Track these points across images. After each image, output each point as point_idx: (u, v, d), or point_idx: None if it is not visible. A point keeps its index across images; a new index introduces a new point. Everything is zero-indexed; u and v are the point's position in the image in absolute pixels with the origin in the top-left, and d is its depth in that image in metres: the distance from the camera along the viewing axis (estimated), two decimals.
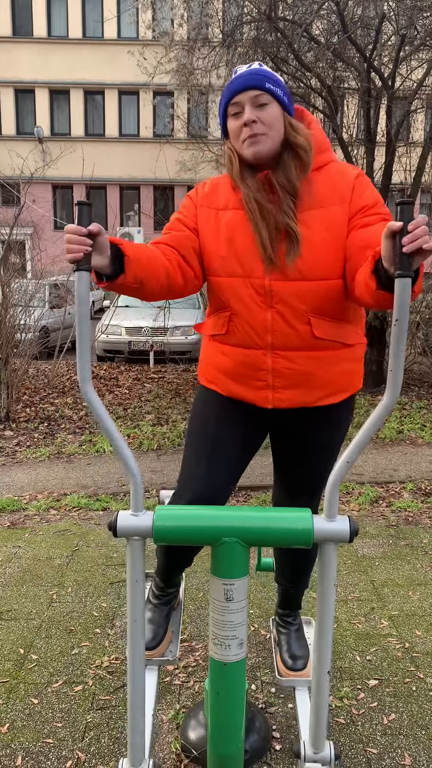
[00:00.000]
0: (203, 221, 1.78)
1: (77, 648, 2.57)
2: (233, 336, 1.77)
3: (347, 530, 1.37)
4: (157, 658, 1.96)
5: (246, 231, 1.70)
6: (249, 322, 1.72)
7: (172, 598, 2.08)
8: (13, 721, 2.16)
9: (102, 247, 1.43)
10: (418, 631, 2.68)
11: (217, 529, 1.38)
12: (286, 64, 7.79)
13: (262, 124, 1.63)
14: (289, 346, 1.72)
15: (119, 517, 1.40)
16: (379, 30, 7.08)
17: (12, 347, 6.45)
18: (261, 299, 1.70)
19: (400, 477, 4.80)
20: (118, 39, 20.83)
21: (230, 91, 1.66)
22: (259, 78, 1.64)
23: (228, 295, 1.75)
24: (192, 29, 8.90)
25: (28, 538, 3.66)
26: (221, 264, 1.74)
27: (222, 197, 1.78)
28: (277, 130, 1.66)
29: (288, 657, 2.08)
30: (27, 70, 21.14)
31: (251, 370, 1.77)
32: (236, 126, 1.67)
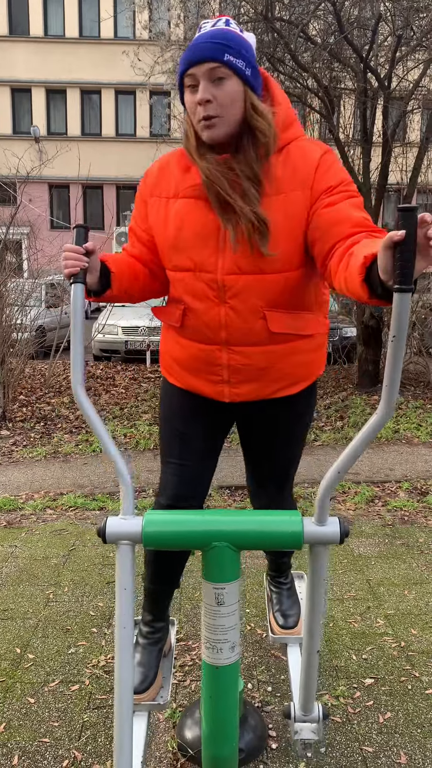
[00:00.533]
0: (153, 214, 1.69)
1: (74, 647, 2.57)
2: (187, 330, 1.71)
3: (338, 532, 1.36)
4: (147, 702, 1.83)
5: (196, 220, 1.59)
6: (202, 318, 1.64)
7: (162, 637, 1.95)
8: (9, 721, 2.16)
9: (94, 267, 1.54)
10: (413, 630, 2.69)
11: (206, 533, 1.38)
12: (283, 65, 7.79)
13: (217, 105, 1.48)
14: (245, 342, 1.64)
15: (108, 523, 1.39)
16: (375, 30, 7.09)
17: (8, 347, 6.44)
18: (213, 294, 1.61)
19: (396, 476, 4.81)
20: (115, 39, 20.81)
21: (185, 61, 1.49)
22: (218, 47, 1.46)
23: (180, 290, 1.67)
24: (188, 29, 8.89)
25: (24, 538, 3.66)
26: (171, 257, 1.66)
27: (171, 182, 1.65)
28: (235, 110, 1.50)
29: (280, 615, 2.16)
30: (23, 69, 21.11)
31: (206, 365, 1.70)
32: (191, 102, 1.52)
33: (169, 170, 1.67)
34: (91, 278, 1.55)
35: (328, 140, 8.62)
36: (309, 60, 7.54)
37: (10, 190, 8.33)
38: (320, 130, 9.39)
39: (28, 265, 9.97)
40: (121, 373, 9.06)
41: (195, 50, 1.48)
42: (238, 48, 1.48)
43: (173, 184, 1.65)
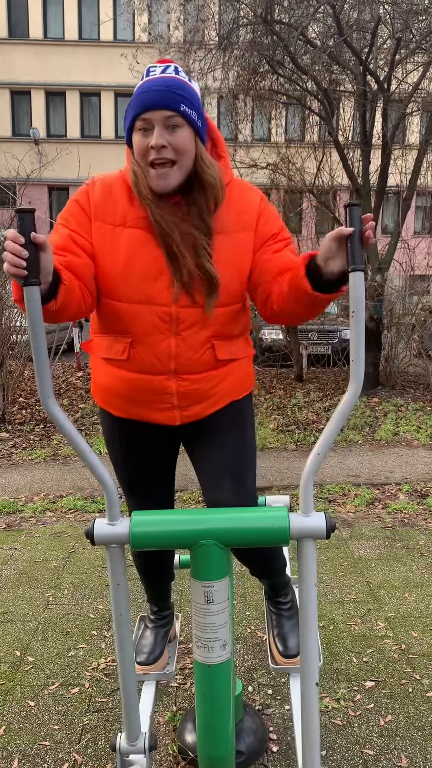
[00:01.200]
0: (99, 239, 1.59)
1: (74, 650, 2.57)
2: (134, 363, 1.67)
3: (324, 527, 1.37)
4: (156, 671, 2.00)
5: (148, 253, 1.58)
6: (152, 350, 1.63)
7: (168, 622, 2.12)
8: (9, 724, 2.15)
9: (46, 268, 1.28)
10: (414, 633, 2.69)
11: (193, 532, 1.38)
12: (282, 67, 7.81)
13: (172, 150, 1.50)
14: (192, 371, 1.67)
15: (96, 526, 1.41)
16: (374, 33, 7.11)
17: (8, 349, 6.44)
18: (166, 326, 1.61)
19: (395, 479, 4.81)
20: (114, 41, 20.83)
21: (140, 104, 1.50)
22: (174, 97, 1.49)
23: (129, 322, 1.63)
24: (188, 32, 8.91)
25: (24, 540, 3.65)
26: (119, 288, 1.60)
27: (118, 208, 1.60)
28: (188, 160, 1.53)
29: (280, 641, 1.99)
30: (23, 72, 21.12)
31: (155, 395, 1.70)
32: (143, 144, 1.51)
33: (113, 196, 1.61)
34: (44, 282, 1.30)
35: (327, 143, 8.64)
36: (308, 63, 7.55)
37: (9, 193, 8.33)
38: (320, 132, 9.40)
39: None
40: None
41: (150, 96, 1.49)
42: (190, 99, 1.52)
43: (119, 211, 1.60)
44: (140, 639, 2.09)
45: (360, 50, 7.30)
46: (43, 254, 1.25)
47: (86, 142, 21.44)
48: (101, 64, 20.94)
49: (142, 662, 2.00)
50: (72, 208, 1.62)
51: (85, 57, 21.11)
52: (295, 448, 5.66)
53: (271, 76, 8.24)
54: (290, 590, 2.11)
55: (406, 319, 8.64)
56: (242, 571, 3.21)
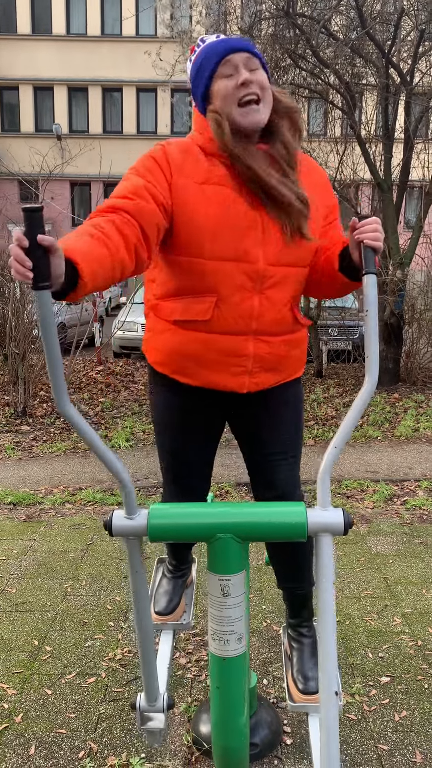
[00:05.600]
0: (182, 196, 1.56)
1: (91, 640, 2.59)
2: (215, 323, 1.64)
3: (341, 522, 1.37)
4: (173, 621, 2.09)
5: (238, 209, 1.57)
6: (236, 309, 1.63)
7: (185, 573, 2.21)
8: (26, 711, 2.19)
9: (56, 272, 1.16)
10: (431, 629, 2.67)
11: (211, 525, 1.39)
12: (305, 61, 7.75)
13: (259, 86, 1.57)
14: (272, 332, 1.69)
15: (114, 517, 1.42)
16: (397, 25, 7.02)
17: (29, 343, 6.50)
18: (252, 284, 1.62)
19: (415, 475, 4.78)
20: (137, 36, 20.86)
21: (224, 49, 1.58)
22: (248, 43, 1.61)
23: (215, 280, 1.61)
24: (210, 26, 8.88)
25: (43, 532, 3.70)
26: (211, 247, 1.58)
27: (200, 168, 1.60)
28: (269, 95, 1.60)
29: (300, 677, 1.86)
30: (46, 68, 21.24)
31: (230, 357, 1.68)
32: (230, 86, 1.56)
33: (193, 156, 1.61)
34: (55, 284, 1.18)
35: (349, 137, 8.56)
36: (331, 56, 7.49)
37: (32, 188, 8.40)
38: (342, 126, 9.33)
39: None
40: (141, 370, 9.10)
41: (230, 42, 1.59)
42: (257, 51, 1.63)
43: (202, 170, 1.59)
44: (158, 588, 2.18)
45: (383, 43, 7.22)
46: (53, 257, 1.14)
47: (108, 137, 21.51)
48: (123, 59, 20.98)
49: (159, 611, 2.08)
50: (146, 163, 1.58)
51: (107, 52, 21.17)
52: (314, 444, 5.64)
53: (293, 70, 8.19)
54: (313, 626, 1.99)
55: (428, 314, 8.54)
56: (259, 565, 3.21)
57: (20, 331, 6.31)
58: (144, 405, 7.00)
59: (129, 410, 6.76)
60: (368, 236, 1.44)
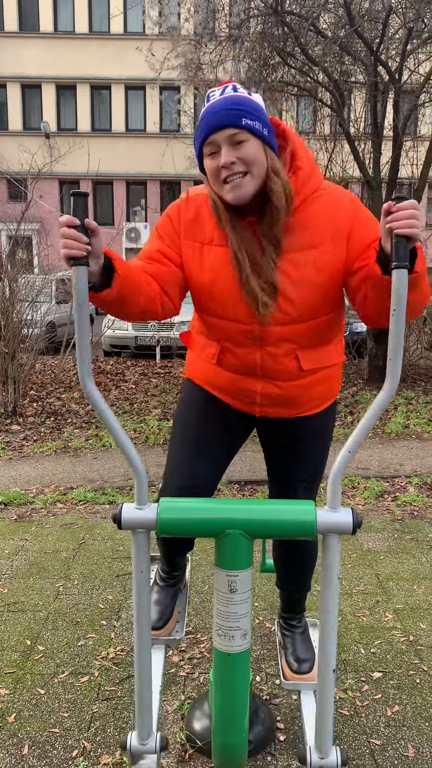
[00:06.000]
0: (188, 256, 1.68)
1: (83, 639, 2.59)
2: (224, 366, 1.79)
3: (350, 522, 1.37)
4: (164, 637, 2.01)
5: (230, 274, 1.62)
6: (239, 359, 1.74)
7: (178, 580, 2.12)
8: (19, 711, 2.18)
9: (97, 251, 1.36)
10: (422, 624, 2.69)
11: (220, 521, 1.39)
12: (293, 59, 7.76)
13: (242, 163, 1.50)
14: (279, 378, 1.75)
15: (124, 510, 1.41)
16: (386, 23, 7.05)
17: (19, 342, 6.47)
18: (250, 341, 1.69)
19: (405, 471, 4.80)
20: (125, 34, 20.78)
21: (204, 130, 1.52)
22: (234, 113, 1.49)
23: (218, 333, 1.75)
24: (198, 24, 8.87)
25: (34, 531, 3.69)
26: (206, 303, 1.70)
27: (206, 228, 1.66)
28: (259, 167, 1.52)
29: (293, 660, 2.02)
30: (33, 66, 21.13)
31: (240, 391, 1.80)
32: (213, 166, 1.54)
33: (202, 216, 1.67)
34: (93, 265, 1.37)
35: (338, 134, 8.58)
36: (319, 54, 7.50)
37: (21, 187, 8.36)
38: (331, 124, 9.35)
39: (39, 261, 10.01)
40: (131, 369, 9.09)
41: (212, 118, 1.51)
42: (252, 111, 1.51)
43: (207, 231, 1.66)
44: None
45: (371, 40, 7.23)
46: (94, 238, 1.33)
47: (97, 135, 21.44)
48: (111, 57, 20.90)
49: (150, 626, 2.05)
50: (164, 223, 1.72)
51: (95, 50, 21.08)
52: None
53: (282, 68, 8.19)
54: (303, 619, 2.16)
55: None
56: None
57: (9, 330, 6.28)
58: (135, 404, 6.99)
59: (120, 409, 6.75)
60: (401, 223, 1.28)
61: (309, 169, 1.61)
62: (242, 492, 4.39)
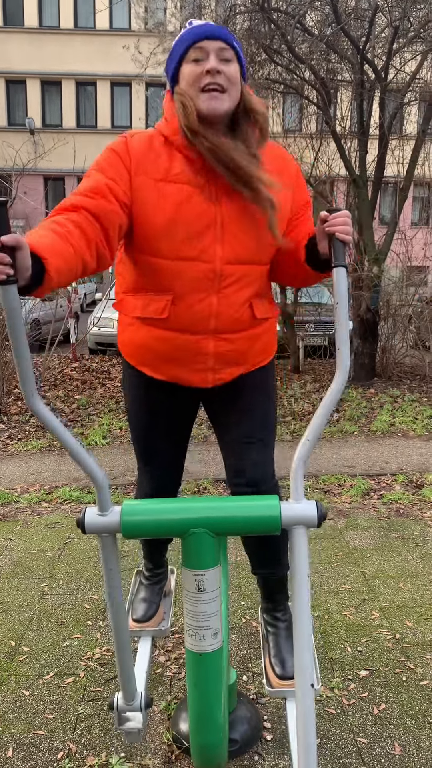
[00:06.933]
0: (140, 194, 1.55)
1: (69, 640, 2.57)
2: (173, 322, 1.65)
3: (315, 514, 1.37)
4: (151, 628, 2.06)
5: (194, 209, 1.56)
6: (193, 307, 1.63)
7: (162, 578, 2.18)
8: (4, 713, 2.15)
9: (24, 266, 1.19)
10: (408, 622, 2.69)
11: (184, 521, 1.38)
12: (280, 56, 7.75)
13: (225, 78, 1.53)
14: (232, 329, 1.69)
15: (87, 515, 1.40)
16: (372, 22, 7.05)
17: (2, 340, 6.41)
18: (209, 284, 1.61)
19: (391, 469, 4.82)
20: (110, 30, 20.67)
21: (196, 34, 1.54)
22: (227, 33, 1.58)
23: (171, 279, 1.61)
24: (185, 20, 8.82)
25: (19, 531, 3.65)
26: (165, 246, 1.58)
27: (160, 163, 1.57)
28: (236, 91, 1.57)
29: (277, 661, 1.87)
30: (18, 60, 20.96)
31: (191, 355, 1.69)
32: (196, 71, 1.53)
33: (155, 151, 1.58)
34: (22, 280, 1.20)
35: (324, 132, 8.59)
36: (306, 51, 7.49)
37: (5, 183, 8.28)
38: (317, 122, 9.35)
39: None
40: (117, 367, 9.04)
41: (206, 28, 1.56)
42: (238, 43, 1.60)
43: (161, 167, 1.57)
44: (136, 595, 2.16)
45: (358, 39, 7.23)
46: (19, 252, 1.16)
47: (82, 132, 21.31)
48: (97, 52, 20.78)
49: (137, 619, 2.05)
50: (109, 157, 1.56)
51: (80, 45, 20.96)
52: (291, 439, 5.66)
53: (269, 65, 8.18)
54: (288, 609, 1.99)
55: (403, 310, 8.63)
56: (237, 561, 3.21)
57: None
58: (120, 402, 6.95)
59: (105, 407, 6.72)
60: (339, 229, 1.44)
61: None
62: (228, 490, 4.37)
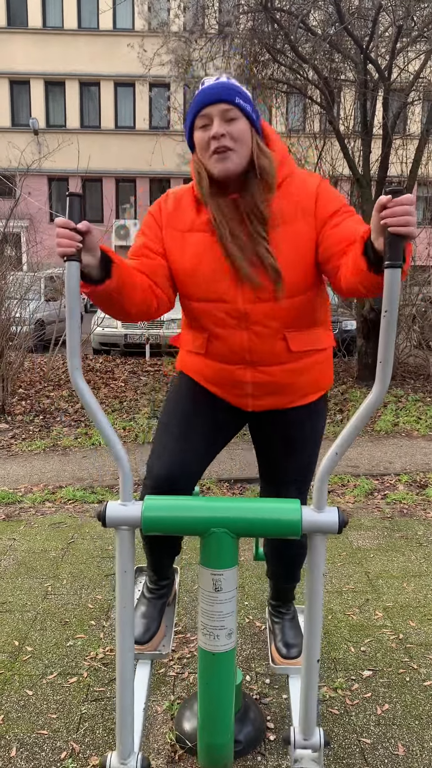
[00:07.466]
0: (170, 245, 1.74)
1: (72, 640, 2.57)
2: (212, 354, 1.80)
3: (336, 521, 1.37)
4: (150, 651, 1.92)
5: (214, 255, 1.67)
6: (226, 343, 1.75)
7: (166, 592, 2.04)
8: (7, 713, 2.16)
9: (92, 246, 1.43)
10: (412, 622, 2.69)
11: (206, 519, 1.38)
12: (283, 56, 7.74)
13: (231, 139, 1.59)
14: (268, 362, 1.76)
15: (108, 508, 1.40)
16: (375, 21, 7.04)
17: (7, 340, 6.43)
18: (235, 322, 1.71)
19: (395, 469, 4.81)
20: (114, 30, 20.68)
21: (199, 102, 1.61)
22: (229, 91, 1.60)
23: (203, 319, 1.76)
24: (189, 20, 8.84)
25: (23, 531, 3.66)
26: (190, 288, 1.73)
27: (187, 217, 1.73)
28: (246, 146, 1.62)
29: (282, 645, 2.07)
30: (22, 61, 20.98)
31: (231, 382, 1.81)
32: (204, 138, 1.62)
33: (182, 206, 1.75)
34: (91, 258, 1.43)
35: (327, 132, 8.58)
36: (309, 51, 7.49)
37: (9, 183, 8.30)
38: (321, 122, 9.34)
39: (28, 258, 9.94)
40: (120, 367, 9.05)
41: (208, 92, 1.61)
42: (245, 95, 1.64)
43: (188, 219, 1.73)
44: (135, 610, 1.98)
45: (361, 38, 7.23)
46: (88, 235, 1.39)
47: (86, 132, 21.33)
48: (101, 53, 20.79)
49: (136, 640, 1.91)
50: (147, 220, 1.79)
51: (84, 46, 20.97)
52: None
53: (272, 65, 8.18)
54: (293, 606, 2.21)
55: (407, 309, 8.61)
56: (242, 561, 3.21)
57: None
58: (124, 402, 6.96)
59: (109, 407, 6.72)
60: (397, 220, 1.20)
61: (282, 156, 1.71)
62: (232, 490, 4.38)
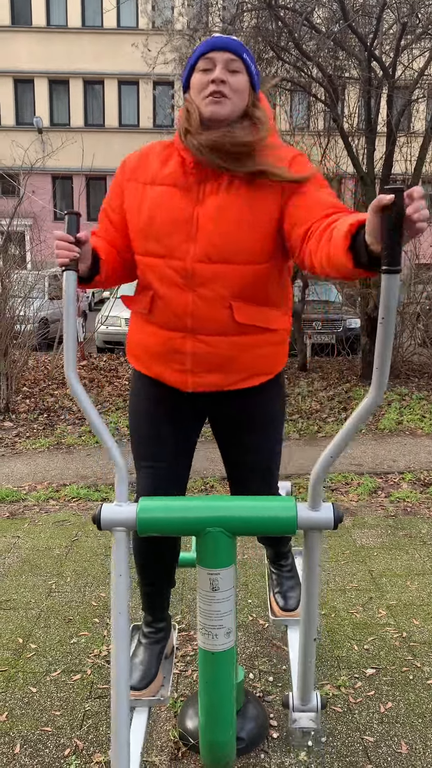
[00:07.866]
0: (129, 197, 1.73)
1: (76, 637, 2.58)
2: (155, 316, 1.72)
3: (331, 518, 1.37)
4: (148, 697, 1.83)
5: (170, 207, 1.64)
6: (169, 304, 1.67)
7: (163, 637, 1.97)
8: (11, 710, 2.17)
9: (86, 256, 1.56)
10: (415, 621, 2.69)
11: (201, 519, 1.38)
12: (287, 53, 7.73)
13: (229, 88, 1.61)
14: (210, 331, 1.66)
15: (103, 509, 1.40)
16: (380, 18, 7.02)
17: (11, 338, 6.44)
18: (182, 281, 1.64)
19: (399, 467, 4.80)
20: (118, 28, 20.68)
21: (207, 44, 1.63)
22: (238, 45, 1.63)
23: (149, 275, 1.70)
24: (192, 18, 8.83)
25: (27, 529, 3.67)
26: (142, 242, 1.69)
27: (150, 169, 1.71)
28: (241, 99, 1.63)
29: (280, 596, 2.15)
30: (26, 60, 21.00)
31: (171, 353, 1.71)
32: (203, 80, 1.62)
33: (149, 159, 1.73)
34: (83, 267, 1.58)
35: (332, 130, 8.56)
36: (313, 49, 7.47)
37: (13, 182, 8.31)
38: (325, 119, 9.33)
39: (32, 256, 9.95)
40: (124, 365, 9.06)
41: (218, 39, 1.63)
42: (251, 55, 1.67)
43: (151, 171, 1.71)
44: (132, 658, 1.91)
45: (365, 36, 7.20)
46: (83, 246, 1.53)
47: (90, 130, 21.34)
48: (105, 51, 20.80)
49: (133, 686, 1.82)
50: (113, 182, 1.80)
51: (88, 45, 20.98)
52: (299, 438, 5.65)
53: (276, 63, 8.16)
54: (290, 555, 2.28)
55: (411, 308, 8.59)
56: (244, 559, 3.21)
57: (2, 326, 6.25)
58: (128, 400, 6.96)
59: (113, 405, 6.73)
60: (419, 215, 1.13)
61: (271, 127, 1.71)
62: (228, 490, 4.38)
